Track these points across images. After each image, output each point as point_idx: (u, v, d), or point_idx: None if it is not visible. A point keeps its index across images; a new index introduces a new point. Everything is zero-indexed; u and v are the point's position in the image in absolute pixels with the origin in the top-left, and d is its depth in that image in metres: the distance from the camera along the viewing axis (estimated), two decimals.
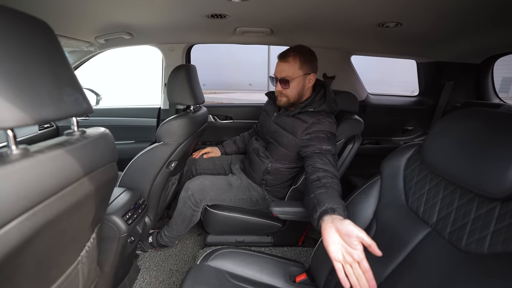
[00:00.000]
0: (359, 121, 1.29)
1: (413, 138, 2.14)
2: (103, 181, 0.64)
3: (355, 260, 0.59)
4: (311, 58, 1.17)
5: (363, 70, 2.03)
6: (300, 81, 1.18)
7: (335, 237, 0.64)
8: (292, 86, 1.18)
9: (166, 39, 1.61)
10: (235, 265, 0.90)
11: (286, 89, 1.19)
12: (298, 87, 1.19)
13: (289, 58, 1.15)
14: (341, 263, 0.60)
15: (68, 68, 0.54)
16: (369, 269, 0.57)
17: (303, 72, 1.17)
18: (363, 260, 0.58)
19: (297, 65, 1.15)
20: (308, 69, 1.17)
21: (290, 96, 1.20)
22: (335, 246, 0.62)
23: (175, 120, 1.21)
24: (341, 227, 0.64)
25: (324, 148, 1.06)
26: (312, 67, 1.18)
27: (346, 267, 0.59)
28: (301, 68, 1.16)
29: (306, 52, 1.17)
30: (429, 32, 1.28)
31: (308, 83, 1.20)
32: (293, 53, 1.15)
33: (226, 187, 1.35)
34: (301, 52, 1.15)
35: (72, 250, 0.67)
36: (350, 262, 0.59)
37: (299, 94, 1.20)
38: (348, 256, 0.60)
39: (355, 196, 0.83)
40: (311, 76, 1.19)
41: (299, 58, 1.15)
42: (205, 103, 1.52)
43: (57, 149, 0.48)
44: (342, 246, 0.62)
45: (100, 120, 1.95)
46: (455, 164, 0.54)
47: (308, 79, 1.19)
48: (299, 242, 1.47)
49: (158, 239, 1.46)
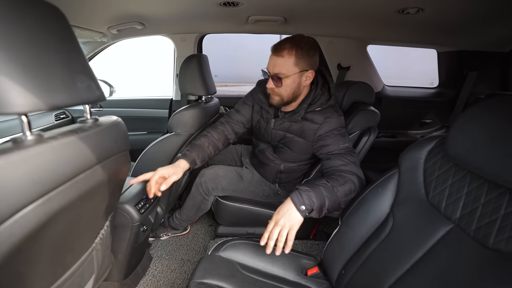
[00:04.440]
0: (375, 112, 1.25)
1: (431, 132, 2.05)
2: (115, 169, 0.64)
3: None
4: (310, 52, 0.98)
5: (378, 60, 1.94)
6: (295, 79, 1.01)
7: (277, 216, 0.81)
8: (285, 84, 1.01)
9: (178, 29, 1.60)
10: (246, 257, 0.89)
11: (279, 87, 1.02)
12: (293, 86, 1.02)
13: (284, 51, 0.97)
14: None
15: (80, 55, 0.54)
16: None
17: (299, 69, 0.99)
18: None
19: (292, 61, 0.97)
20: (305, 65, 0.99)
21: (283, 95, 1.04)
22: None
23: (186, 111, 1.21)
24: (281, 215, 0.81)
25: (342, 147, 0.98)
26: (310, 62, 1.00)
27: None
28: (297, 64, 0.98)
29: (304, 45, 0.97)
30: (454, 18, 1.20)
31: (305, 81, 1.03)
32: (289, 45, 0.97)
33: (238, 178, 1.34)
34: (299, 45, 0.97)
35: (87, 237, 0.68)
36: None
37: (293, 93, 1.04)
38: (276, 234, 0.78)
39: (370, 189, 0.80)
40: (309, 73, 1.02)
41: (295, 52, 0.97)
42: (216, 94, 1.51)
43: (70, 135, 0.48)
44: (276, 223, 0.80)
45: (113, 111, 1.98)
46: (484, 157, 0.50)
47: (306, 76, 1.02)
48: (310, 235, 1.45)
49: (170, 221, 1.50)
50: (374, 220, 0.75)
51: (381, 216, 0.74)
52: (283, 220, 0.79)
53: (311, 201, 0.81)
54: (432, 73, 2.12)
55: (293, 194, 0.82)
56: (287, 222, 0.79)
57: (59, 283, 0.61)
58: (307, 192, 0.82)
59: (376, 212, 0.75)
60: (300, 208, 0.80)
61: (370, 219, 0.76)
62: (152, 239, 1.51)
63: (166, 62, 2.13)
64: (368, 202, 0.79)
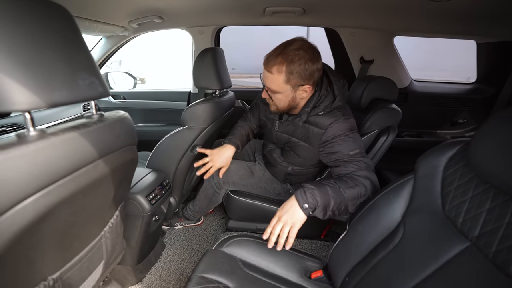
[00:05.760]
0: (396, 110, 1.15)
1: (464, 133, 1.87)
2: (120, 163, 0.66)
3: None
4: (306, 66, 0.88)
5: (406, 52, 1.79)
6: (288, 94, 0.95)
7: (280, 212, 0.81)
8: (277, 98, 0.97)
9: (195, 22, 1.60)
10: (249, 254, 0.89)
11: (273, 99, 0.98)
12: (286, 100, 0.97)
13: (273, 68, 0.89)
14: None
15: (84, 53, 0.55)
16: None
17: (290, 86, 0.92)
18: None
19: (281, 78, 0.90)
20: (299, 81, 0.90)
21: (279, 106, 1.00)
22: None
23: (199, 105, 1.21)
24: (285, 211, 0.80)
25: (351, 154, 0.91)
26: (306, 76, 0.89)
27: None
28: (288, 81, 0.90)
29: (299, 59, 0.86)
30: (497, 2, 1.05)
31: (301, 94, 0.96)
32: (279, 60, 0.87)
33: (249, 173, 1.34)
34: (291, 60, 0.86)
35: (95, 225, 0.72)
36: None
37: (288, 105, 0.99)
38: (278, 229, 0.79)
39: (382, 195, 0.75)
40: (306, 88, 0.93)
41: (285, 69, 0.88)
42: (232, 87, 1.50)
43: (71, 132, 0.50)
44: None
45: (135, 103, 2.06)
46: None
47: (301, 90, 0.94)
48: (321, 236, 1.42)
49: (184, 211, 1.56)
50: (384, 228, 0.70)
51: (391, 224, 0.69)
52: (285, 216, 0.79)
53: (315, 200, 0.78)
54: (470, 66, 1.91)
55: (297, 192, 0.81)
56: (289, 219, 0.78)
57: (68, 266, 0.65)
58: (311, 190, 0.79)
59: (386, 220, 0.70)
60: (303, 206, 0.78)
61: (379, 227, 0.71)
62: (167, 228, 1.57)
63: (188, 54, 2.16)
64: (378, 208, 0.74)
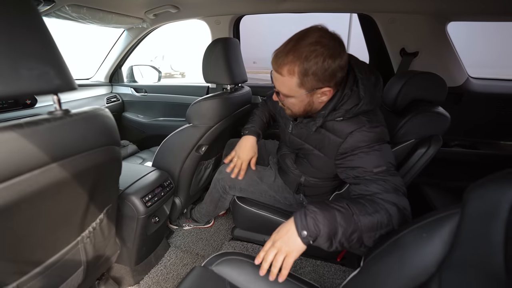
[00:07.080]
0: (442, 115, 0.90)
1: None
2: (88, 166, 0.57)
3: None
4: (324, 64, 0.68)
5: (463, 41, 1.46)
6: (303, 99, 0.77)
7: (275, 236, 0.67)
8: (290, 103, 0.80)
9: (212, 11, 1.49)
10: (241, 277, 0.77)
11: (285, 103, 0.82)
12: (301, 105, 0.80)
13: (283, 69, 0.71)
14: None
15: (37, 40, 0.46)
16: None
17: (305, 89, 0.74)
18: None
19: (294, 81, 0.72)
20: (315, 83, 0.72)
21: (293, 110, 0.84)
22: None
23: (205, 101, 1.11)
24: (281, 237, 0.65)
25: (375, 172, 0.71)
26: (326, 77, 0.70)
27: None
28: (302, 84, 0.73)
29: (314, 57, 0.67)
30: None
31: (319, 98, 0.77)
32: (291, 58, 0.69)
33: (258, 179, 1.21)
34: (306, 59, 0.68)
35: (66, 232, 0.65)
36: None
37: (304, 110, 0.82)
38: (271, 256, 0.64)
39: (411, 230, 0.55)
40: (325, 91, 0.75)
41: (298, 71, 0.70)
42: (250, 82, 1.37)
43: (8, 131, 0.42)
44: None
45: (155, 97, 2.05)
46: None
47: (320, 93, 0.76)
48: (338, 258, 1.22)
49: (192, 213, 1.50)
50: (408, 278, 0.51)
51: (419, 275, 0.50)
52: (280, 242, 0.65)
53: (316, 228, 0.62)
54: None
55: (297, 214, 0.66)
56: (284, 246, 0.64)
57: (30, 275, 0.60)
58: (313, 214, 0.63)
59: (413, 267, 0.52)
60: (302, 234, 0.62)
61: (403, 275, 0.52)
62: (175, 228, 1.52)
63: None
64: (404, 247, 0.55)
